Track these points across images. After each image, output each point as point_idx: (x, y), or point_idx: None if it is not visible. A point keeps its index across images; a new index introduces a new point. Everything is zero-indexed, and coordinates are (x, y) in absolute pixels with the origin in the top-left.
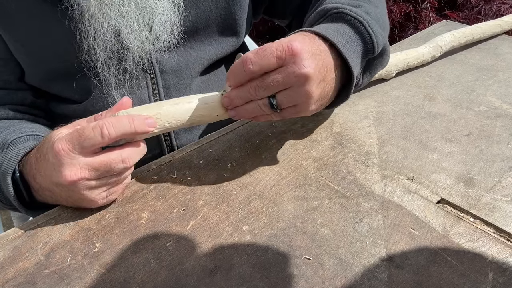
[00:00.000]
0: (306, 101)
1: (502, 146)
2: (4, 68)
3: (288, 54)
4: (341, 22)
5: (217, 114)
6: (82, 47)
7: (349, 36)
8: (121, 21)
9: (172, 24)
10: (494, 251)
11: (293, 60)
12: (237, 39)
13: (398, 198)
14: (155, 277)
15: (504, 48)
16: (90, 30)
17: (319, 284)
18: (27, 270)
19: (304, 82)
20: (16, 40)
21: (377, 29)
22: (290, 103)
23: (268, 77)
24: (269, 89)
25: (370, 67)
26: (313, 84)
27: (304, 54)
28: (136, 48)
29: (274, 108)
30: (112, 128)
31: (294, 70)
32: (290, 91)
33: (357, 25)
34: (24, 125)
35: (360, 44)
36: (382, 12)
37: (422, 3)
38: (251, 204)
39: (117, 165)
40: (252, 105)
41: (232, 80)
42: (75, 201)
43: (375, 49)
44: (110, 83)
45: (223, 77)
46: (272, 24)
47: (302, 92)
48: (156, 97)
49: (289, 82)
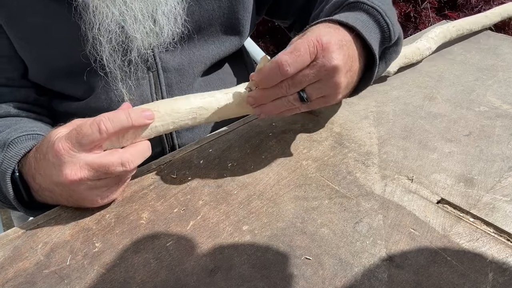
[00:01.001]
0: (335, 92)
1: (502, 146)
2: (7, 65)
3: (319, 49)
4: (359, 11)
5: (219, 114)
6: (87, 40)
7: (369, 25)
8: (125, 11)
9: (175, 14)
10: (494, 251)
11: (323, 54)
12: (240, 38)
13: (398, 198)
14: (155, 277)
15: (504, 48)
16: (95, 21)
17: (319, 284)
18: (27, 270)
19: (334, 74)
20: (20, 37)
21: (393, 18)
22: (319, 95)
23: (299, 74)
24: (300, 84)
25: (386, 56)
26: (341, 75)
27: (332, 47)
28: (140, 39)
29: (304, 101)
30: (109, 123)
31: (324, 64)
32: (319, 84)
33: (374, 14)
34: (25, 123)
35: (378, 33)
36: (390, 2)
37: (422, 3)
38: (251, 204)
39: (116, 168)
40: (280, 101)
41: (264, 83)
42: (76, 201)
43: (392, 37)
44: (116, 76)
45: (224, 76)
46: (272, 24)
47: (331, 84)
48: (158, 95)
49: (319, 75)
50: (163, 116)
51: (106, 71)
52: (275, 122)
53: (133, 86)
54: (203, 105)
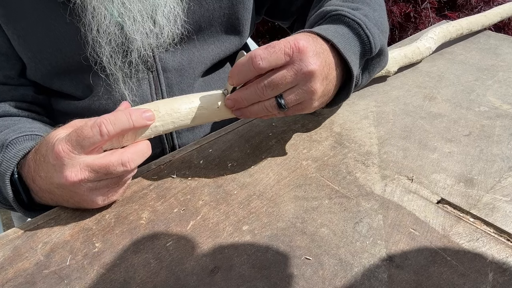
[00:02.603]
0: (311, 98)
1: (502, 146)
2: (5, 63)
3: (295, 51)
4: (340, 24)
5: (219, 114)
6: (87, 42)
7: (348, 37)
8: (123, 12)
9: (175, 15)
10: (494, 251)
11: (300, 57)
12: (240, 38)
13: (398, 198)
14: (155, 277)
15: (504, 48)
16: (93, 23)
17: (319, 284)
18: (27, 270)
19: (310, 78)
20: (19, 35)
21: (374, 31)
22: (296, 101)
23: (275, 75)
24: (277, 88)
25: (369, 67)
26: (317, 81)
27: (310, 52)
28: (140, 40)
29: (283, 107)
30: (110, 125)
31: (301, 67)
32: (296, 89)
33: (355, 27)
34: (24, 124)
35: (358, 45)
36: (380, 15)
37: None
38: (251, 204)
39: (116, 168)
40: (258, 106)
41: (236, 78)
42: (76, 202)
43: (373, 49)
44: (118, 78)
45: (225, 76)
46: (272, 24)
47: (307, 89)
48: (158, 96)
49: (296, 80)
50: (163, 116)
51: (107, 72)
52: (275, 122)
53: (134, 87)
54: (203, 105)
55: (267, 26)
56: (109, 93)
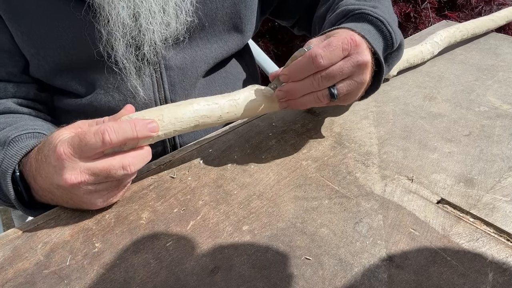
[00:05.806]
0: (359, 89)
1: (502, 146)
2: (8, 60)
3: (353, 46)
4: (364, 22)
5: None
6: (101, 37)
7: (373, 34)
8: (139, 4)
9: (185, 8)
10: (494, 251)
11: (356, 51)
12: (242, 37)
13: (398, 198)
14: (155, 277)
15: (504, 48)
16: (110, 15)
17: (319, 284)
18: (27, 270)
19: (364, 69)
20: (22, 32)
21: (394, 27)
22: (347, 92)
23: (333, 67)
24: (333, 79)
25: (389, 60)
26: (369, 72)
27: (364, 45)
28: (153, 31)
29: (335, 97)
30: (114, 134)
31: (358, 59)
32: (350, 80)
33: (378, 24)
34: (26, 121)
35: (381, 41)
36: (391, 10)
37: (422, 3)
38: (251, 204)
39: (117, 172)
40: (309, 97)
41: (295, 75)
42: (76, 203)
43: (394, 44)
44: (131, 71)
45: (227, 76)
46: (272, 24)
47: (360, 80)
48: (161, 94)
49: (352, 71)
50: (166, 126)
51: (119, 66)
52: (275, 122)
53: (138, 85)
54: (207, 113)
55: (267, 26)
56: (118, 88)
